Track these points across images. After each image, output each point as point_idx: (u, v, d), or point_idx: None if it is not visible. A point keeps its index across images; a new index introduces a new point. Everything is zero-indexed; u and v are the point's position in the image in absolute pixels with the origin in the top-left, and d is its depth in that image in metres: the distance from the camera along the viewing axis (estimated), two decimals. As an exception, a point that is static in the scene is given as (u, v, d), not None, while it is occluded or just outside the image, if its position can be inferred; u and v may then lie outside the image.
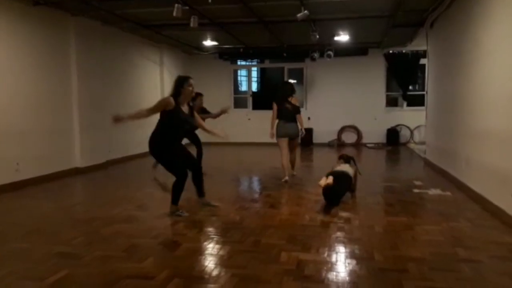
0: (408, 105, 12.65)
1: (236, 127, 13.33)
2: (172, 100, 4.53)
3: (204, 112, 7.06)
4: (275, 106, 6.96)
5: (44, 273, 3.09)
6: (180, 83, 4.71)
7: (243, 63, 14.52)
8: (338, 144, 12.85)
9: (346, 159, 5.95)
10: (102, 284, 2.93)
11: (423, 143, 10.29)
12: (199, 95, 6.82)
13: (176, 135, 4.62)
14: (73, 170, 7.76)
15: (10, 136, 6.37)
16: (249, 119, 13.43)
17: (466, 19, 5.93)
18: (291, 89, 7.00)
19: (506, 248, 3.59)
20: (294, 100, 6.96)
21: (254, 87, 16.58)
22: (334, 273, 3.09)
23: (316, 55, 11.65)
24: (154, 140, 4.56)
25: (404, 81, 12.37)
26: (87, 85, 8.11)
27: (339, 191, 5.17)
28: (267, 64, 14.35)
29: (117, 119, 4.42)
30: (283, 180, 6.65)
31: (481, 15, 5.34)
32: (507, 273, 3.07)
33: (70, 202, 5.71)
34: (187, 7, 6.87)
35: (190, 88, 4.73)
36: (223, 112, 7.28)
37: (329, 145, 12.84)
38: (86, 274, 3.11)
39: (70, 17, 7.69)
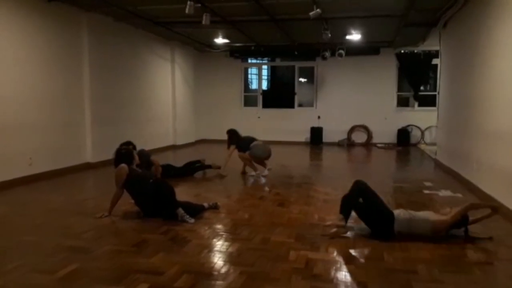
0: (420, 105, 12.54)
1: (246, 125, 13.37)
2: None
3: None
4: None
5: (55, 266, 3.12)
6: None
7: (254, 61, 14.50)
8: (348, 143, 12.80)
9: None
10: (112, 278, 2.96)
11: (434, 144, 10.21)
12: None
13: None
14: (84, 165, 7.84)
15: (23, 131, 6.46)
16: (259, 117, 13.43)
17: (480, 19, 5.86)
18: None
19: (517, 251, 3.56)
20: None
21: (265, 85, 16.58)
22: (343, 272, 3.08)
23: (327, 54, 11.60)
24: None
25: (416, 81, 12.26)
26: (99, 80, 8.19)
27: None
28: (278, 62, 14.32)
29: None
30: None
31: (495, 15, 5.27)
32: (518, 277, 3.04)
33: (81, 196, 5.77)
34: (199, 5, 6.89)
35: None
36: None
37: (338, 144, 12.79)
38: (96, 268, 3.14)
39: (83, 13, 7.76)
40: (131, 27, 9.30)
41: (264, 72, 16.35)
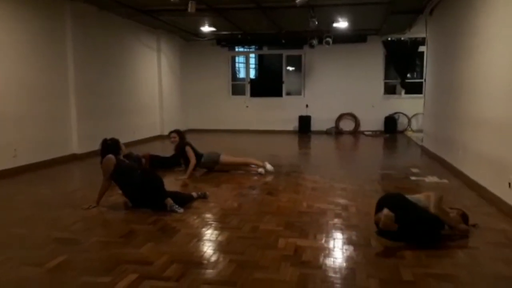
0: (406, 92, 12.62)
1: (234, 114, 13.36)
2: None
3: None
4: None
5: (43, 259, 3.10)
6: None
7: (241, 49, 14.39)
8: (335, 131, 12.86)
9: None
10: (101, 269, 2.95)
11: (420, 131, 10.31)
12: None
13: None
14: (70, 156, 7.75)
15: (7, 122, 6.35)
16: (247, 106, 13.41)
17: (466, 6, 5.89)
18: None
19: (501, 235, 3.63)
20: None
21: (252, 74, 16.48)
22: (332, 259, 3.12)
23: (314, 42, 11.57)
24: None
25: (403, 69, 12.34)
26: (84, 71, 8.06)
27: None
28: (265, 50, 14.25)
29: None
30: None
31: (481, 2, 5.30)
32: (502, 259, 3.11)
33: (68, 188, 5.72)
34: (184, -8, 6.81)
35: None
36: None
37: (326, 132, 12.85)
38: (85, 259, 3.13)
39: (66, 2, 7.60)
40: (115, 16, 9.15)
41: (252, 61, 16.22)
